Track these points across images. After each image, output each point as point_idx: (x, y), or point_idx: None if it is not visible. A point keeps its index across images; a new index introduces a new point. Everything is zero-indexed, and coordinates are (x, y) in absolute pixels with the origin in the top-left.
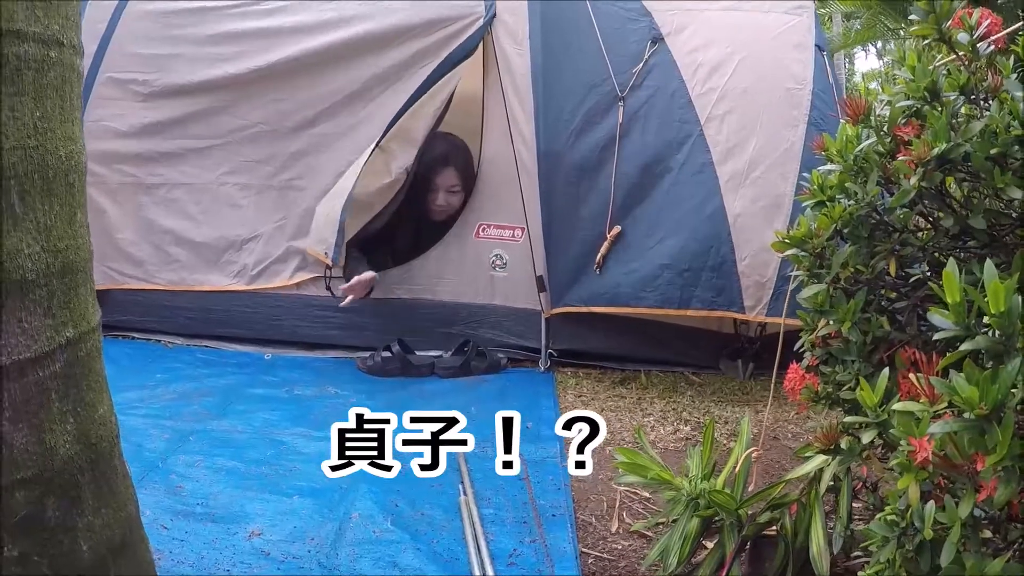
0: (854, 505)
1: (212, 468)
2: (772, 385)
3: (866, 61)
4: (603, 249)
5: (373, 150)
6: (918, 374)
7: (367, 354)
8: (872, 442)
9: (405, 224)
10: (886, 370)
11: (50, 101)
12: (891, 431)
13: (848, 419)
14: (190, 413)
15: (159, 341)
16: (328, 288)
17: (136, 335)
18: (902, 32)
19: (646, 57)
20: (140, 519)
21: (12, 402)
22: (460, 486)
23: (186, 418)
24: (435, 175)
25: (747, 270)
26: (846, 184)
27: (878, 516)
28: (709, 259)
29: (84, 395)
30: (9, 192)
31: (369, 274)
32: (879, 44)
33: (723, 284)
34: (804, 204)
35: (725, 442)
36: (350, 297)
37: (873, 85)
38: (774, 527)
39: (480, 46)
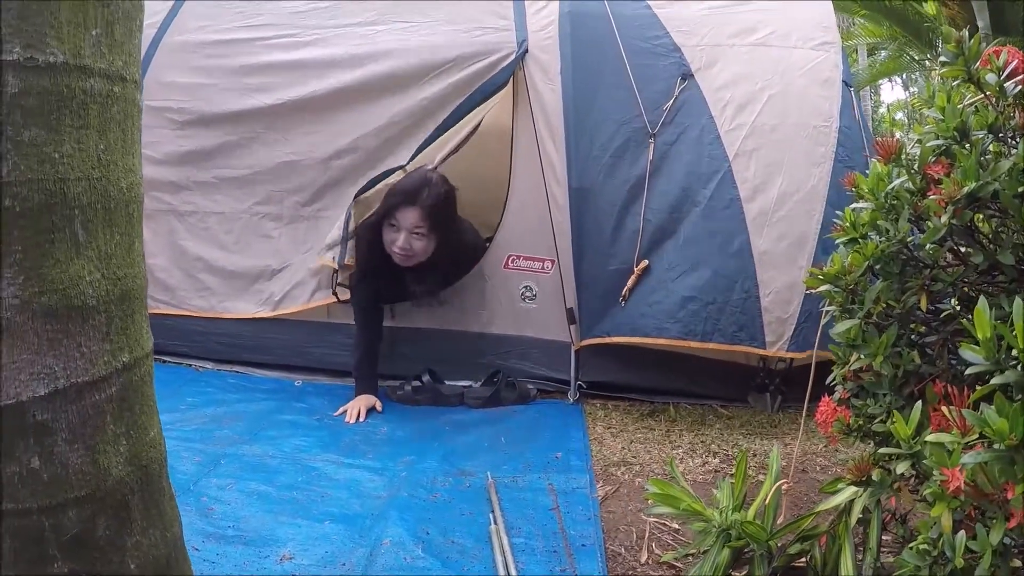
0: (883, 538)
1: (243, 492)
2: (803, 418)
3: (892, 92)
4: (630, 283)
5: (394, 171)
6: (950, 407)
7: (397, 383)
8: (904, 473)
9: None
10: (919, 403)
11: (113, 134)
12: (924, 462)
13: (883, 450)
14: (221, 437)
15: (190, 365)
16: (334, 293)
17: (167, 359)
18: (927, 63)
19: (676, 94)
20: (184, 540)
21: (69, 423)
22: (491, 515)
23: (217, 442)
24: (397, 211)
25: (770, 306)
26: (878, 221)
27: (910, 545)
28: (734, 294)
29: (137, 418)
30: (73, 221)
31: (369, 399)
32: (904, 75)
33: (746, 319)
34: (837, 241)
35: (753, 475)
36: (349, 413)
37: (899, 116)
38: (803, 559)
39: (512, 80)
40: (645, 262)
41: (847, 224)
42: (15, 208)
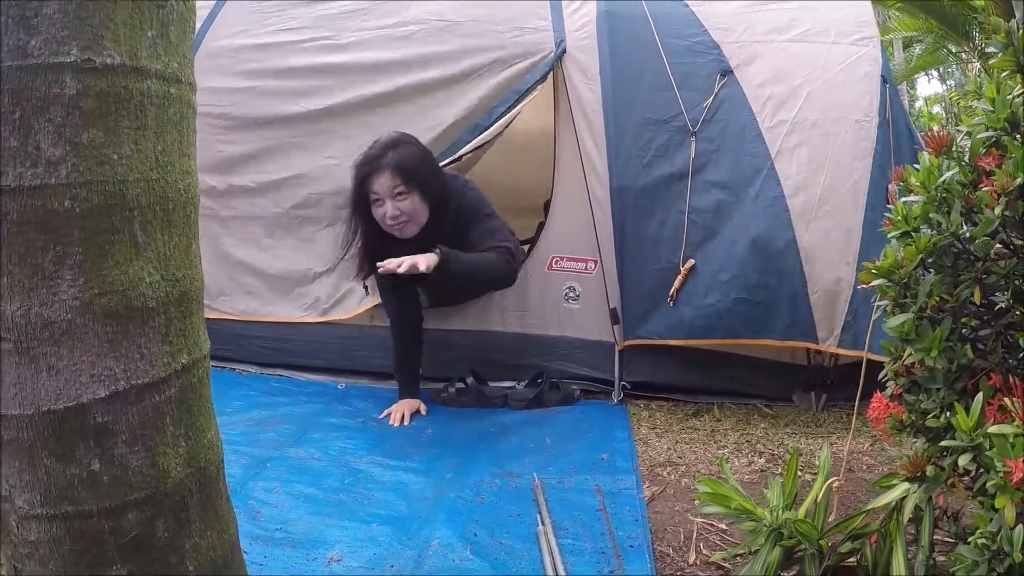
0: (934, 537)
1: (290, 494)
2: (854, 415)
3: (928, 85)
4: (677, 283)
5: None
6: (1012, 398)
7: (441, 385)
8: (961, 468)
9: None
10: (980, 395)
11: (170, 136)
12: (986, 453)
13: (945, 442)
14: (267, 440)
15: (233, 369)
16: (364, 287)
17: (211, 363)
18: (964, 55)
19: (716, 91)
20: (239, 542)
21: (129, 425)
22: (538, 516)
23: (263, 445)
24: (371, 183)
25: (818, 302)
26: (930, 215)
27: (969, 539)
28: (783, 291)
29: (195, 420)
30: (132, 222)
31: (413, 402)
32: (941, 68)
33: (796, 316)
34: (889, 235)
35: (800, 474)
36: (393, 416)
37: (936, 109)
38: (854, 557)
39: (551, 80)
40: (691, 262)
41: (899, 218)
42: (75, 209)
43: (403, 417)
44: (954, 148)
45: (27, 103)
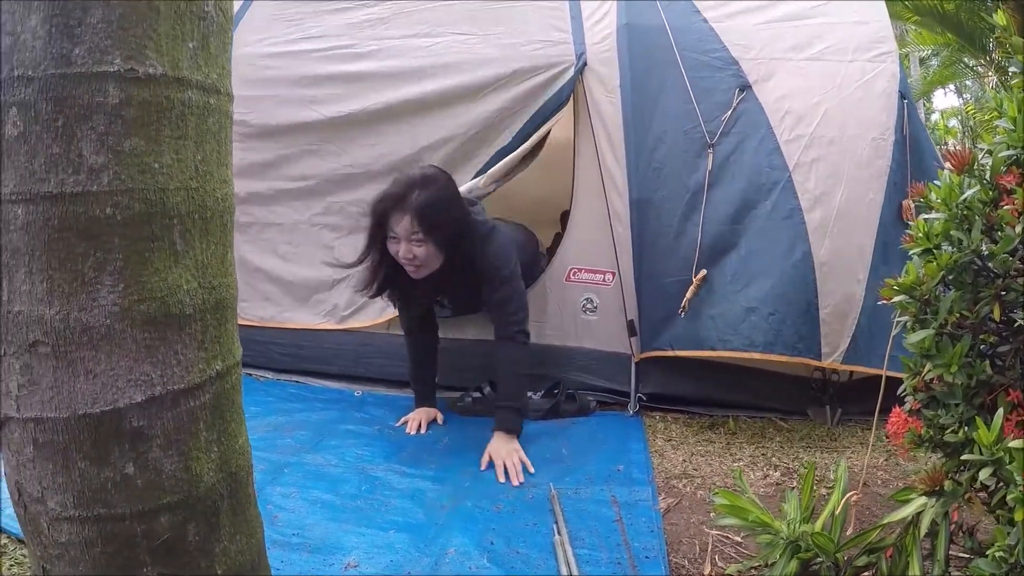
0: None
1: (307, 500)
2: (873, 429)
3: (945, 98)
4: (689, 293)
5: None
6: None
7: (457, 395)
8: (979, 483)
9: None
10: (1000, 410)
11: (209, 145)
12: (1007, 467)
13: (967, 456)
14: (284, 446)
15: (250, 375)
16: (393, 302)
17: None
18: (980, 69)
19: (734, 104)
20: (265, 547)
21: (164, 430)
22: (554, 526)
23: (280, 450)
24: (391, 218)
25: (828, 317)
26: (951, 232)
27: (988, 552)
28: (794, 304)
29: (227, 425)
30: (172, 230)
31: (430, 411)
32: (957, 82)
33: (806, 330)
34: (910, 252)
35: (815, 487)
36: (410, 425)
37: (952, 123)
38: (870, 571)
39: (571, 94)
40: (704, 272)
41: (920, 235)
42: (116, 217)
43: (420, 425)
44: (975, 166)
45: (70, 111)
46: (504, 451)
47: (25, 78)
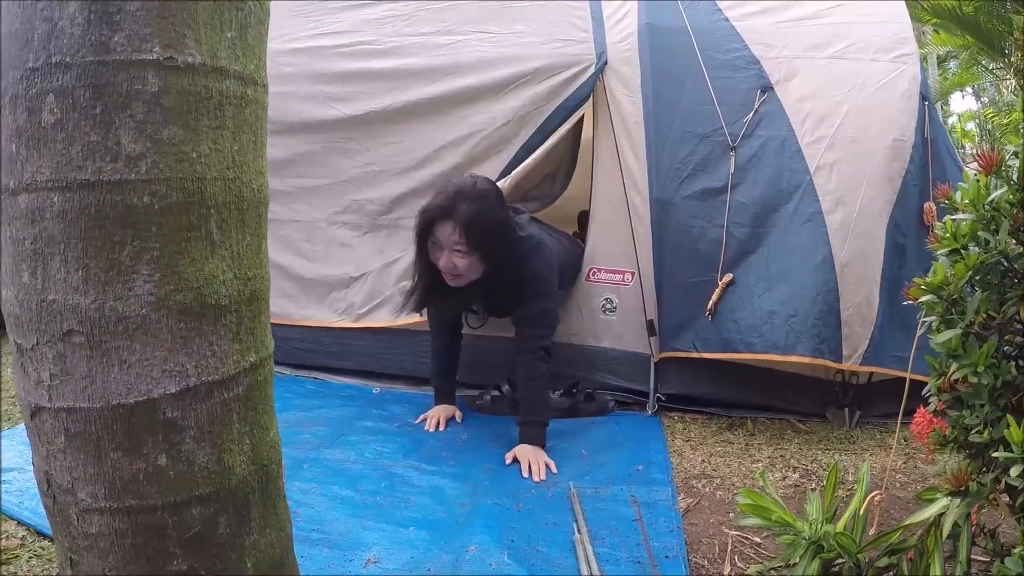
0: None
1: (327, 496)
2: (897, 431)
3: (963, 101)
4: (714, 296)
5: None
6: None
7: (476, 392)
8: (999, 483)
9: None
10: None
11: (246, 136)
12: None
13: (996, 454)
14: (303, 442)
15: None
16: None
17: None
18: (998, 72)
19: (756, 106)
20: (293, 541)
21: (198, 421)
22: (574, 524)
23: (300, 446)
24: (435, 227)
25: (849, 320)
26: (978, 232)
27: (1015, 551)
28: (816, 306)
29: (259, 418)
30: (209, 220)
31: (449, 408)
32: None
33: (827, 332)
34: (937, 252)
35: (834, 489)
36: (429, 422)
37: (970, 126)
38: (891, 573)
39: (592, 92)
40: (729, 276)
41: (948, 235)
42: (154, 205)
43: (439, 423)
44: (1003, 167)
45: (108, 98)
46: (530, 453)
47: (63, 65)
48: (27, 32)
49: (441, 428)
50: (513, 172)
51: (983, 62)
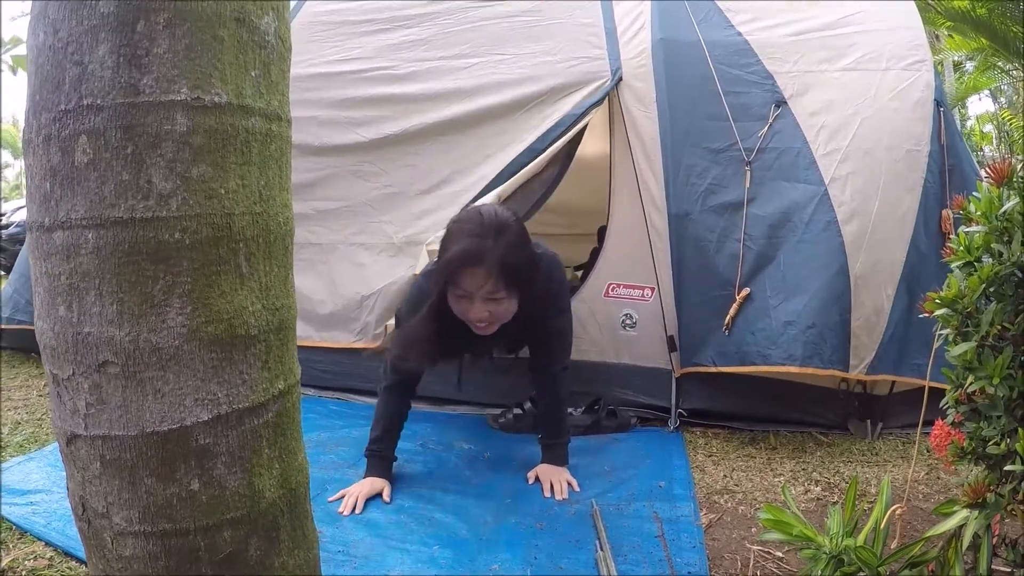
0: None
1: (351, 516)
2: (916, 442)
3: (980, 103)
4: (732, 311)
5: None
6: None
7: (498, 411)
8: (1018, 495)
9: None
10: None
11: (271, 171)
12: None
13: (1009, 467)
14: (327, 462)
15: None
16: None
17: None
18: (1014, 73)
19: (770, 121)
20: (320, 562)
21: (229, 447)
22: (596, 542)
23: (323, 466)
24: (461, 276)
25: (858, 330)
26: (991, 244)
27: None
28: (831, 317)
29: (288, 443)
30: (238, 254)
31: (377, 483)
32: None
33: (839, 342)
34: (952, 264)
35: (856, 502)
36: (345, 503)
37: (987, 128)
38: None
39: (607, 108)
40: (747, 290)
41: (961, 248)
42: (185, 241)
43: (356, 504)
44: (1015, 179)
45: (139, 138)
46: (553, 472)
47: (95, 107)
48: (58, 75)
49: (358, 511)
50: (515, 176)
51: (999, 64)
